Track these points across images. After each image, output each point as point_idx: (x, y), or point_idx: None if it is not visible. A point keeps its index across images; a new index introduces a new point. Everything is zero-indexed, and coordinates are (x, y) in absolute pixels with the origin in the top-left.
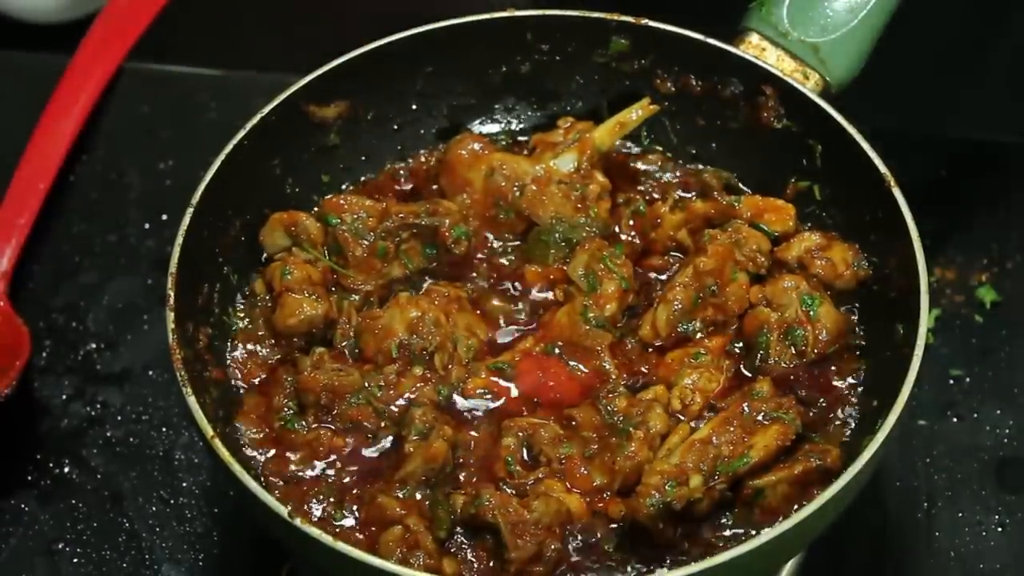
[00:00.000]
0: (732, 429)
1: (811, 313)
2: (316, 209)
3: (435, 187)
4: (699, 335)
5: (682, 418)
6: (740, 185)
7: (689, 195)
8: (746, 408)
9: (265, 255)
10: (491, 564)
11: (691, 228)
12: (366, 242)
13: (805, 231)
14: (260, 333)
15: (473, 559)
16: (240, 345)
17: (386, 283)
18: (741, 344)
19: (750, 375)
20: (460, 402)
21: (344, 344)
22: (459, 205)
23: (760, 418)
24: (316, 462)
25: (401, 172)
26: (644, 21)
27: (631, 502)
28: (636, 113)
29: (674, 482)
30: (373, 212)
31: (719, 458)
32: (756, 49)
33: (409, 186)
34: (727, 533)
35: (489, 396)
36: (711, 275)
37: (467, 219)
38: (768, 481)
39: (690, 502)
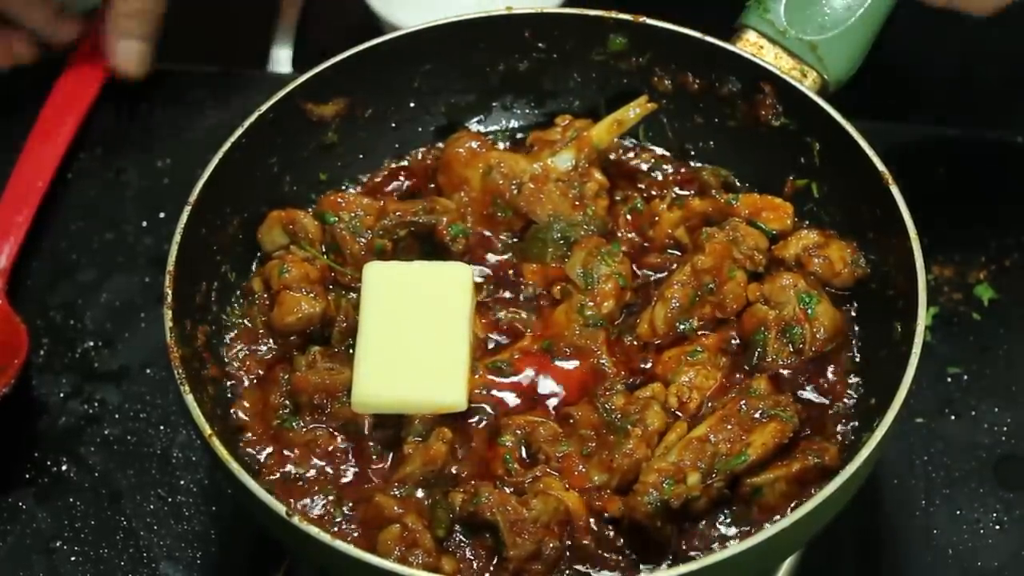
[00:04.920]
0: (730, 427)
1: (809, 311)
2: (314, 207)
3: (433, 185)
4: (697, 333)
5: (680, 416)
6: (738, 183)
7: (687, 193)
8: (743, 406)
9: (263, 253)
10: (490, 562)
11: (689, 226)
12: (364, 240)
13: (803, 229)
14: (258, 331)
15: (472, 557)
16: (238, 343)
17: None
18: (739, 342)
19: (748, 372)
20: None
21: (342, 343)
22: (457, 203)
23: (758, 416)
24: (314, 460)
25: (399, 170)
26: (642, 19)
27: (629, 500)
28: (634, 111)
29: (672, 480)
30: (371, 210)
31: (717, 456)
32: (754, 47)
33: (407, 184)
34: (725, 531)
35: (487, 394)
36: (709, 273)
37: (465, 217)
38: (766, 479)
39: (688, 500)
